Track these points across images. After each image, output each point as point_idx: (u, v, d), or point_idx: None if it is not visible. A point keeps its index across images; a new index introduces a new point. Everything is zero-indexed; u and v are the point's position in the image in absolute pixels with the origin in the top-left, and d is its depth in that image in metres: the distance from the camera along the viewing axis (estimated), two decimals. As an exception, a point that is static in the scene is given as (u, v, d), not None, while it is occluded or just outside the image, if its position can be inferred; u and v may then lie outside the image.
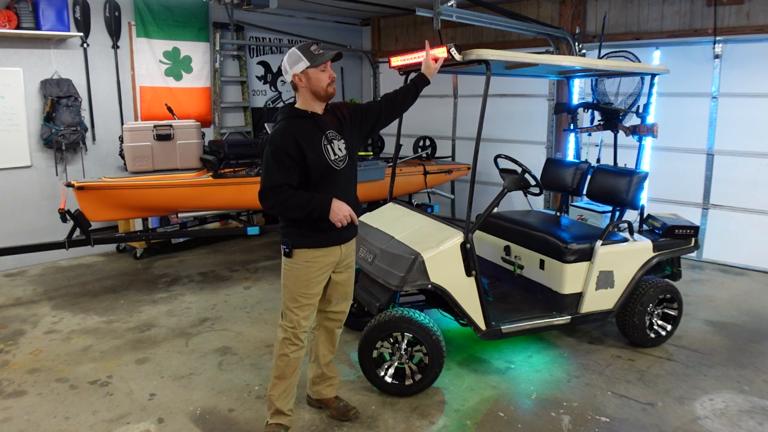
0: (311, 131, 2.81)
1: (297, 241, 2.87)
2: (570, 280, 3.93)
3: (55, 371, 3.83)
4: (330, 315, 3.16)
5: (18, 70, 5.85)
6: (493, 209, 3.86)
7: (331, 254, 2.93)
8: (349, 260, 3.08)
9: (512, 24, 6.11)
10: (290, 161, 2.72)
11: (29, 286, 5.57)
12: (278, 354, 2.97)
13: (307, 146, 2.75)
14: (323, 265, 2.92)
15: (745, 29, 5.77)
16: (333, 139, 2.85)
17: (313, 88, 2.79)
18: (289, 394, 3.03)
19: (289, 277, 2.91)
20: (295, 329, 2.93)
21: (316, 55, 2.76)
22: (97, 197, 5.01)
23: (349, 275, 3.12)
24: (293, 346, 2.94)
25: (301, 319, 2.93)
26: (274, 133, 2.79)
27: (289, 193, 2.73)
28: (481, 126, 3.51)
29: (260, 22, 7.76)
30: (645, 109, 4.50)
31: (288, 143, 2.73)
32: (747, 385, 3.70)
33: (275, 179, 2.72)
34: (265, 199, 2.77)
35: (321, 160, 2.79)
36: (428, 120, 8.38)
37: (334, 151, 2.85)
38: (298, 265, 2.88)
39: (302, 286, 2.90)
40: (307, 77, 2.77)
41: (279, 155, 2.72)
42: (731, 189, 6.14)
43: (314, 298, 2.96)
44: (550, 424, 3.24)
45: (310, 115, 2.82)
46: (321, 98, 2.83)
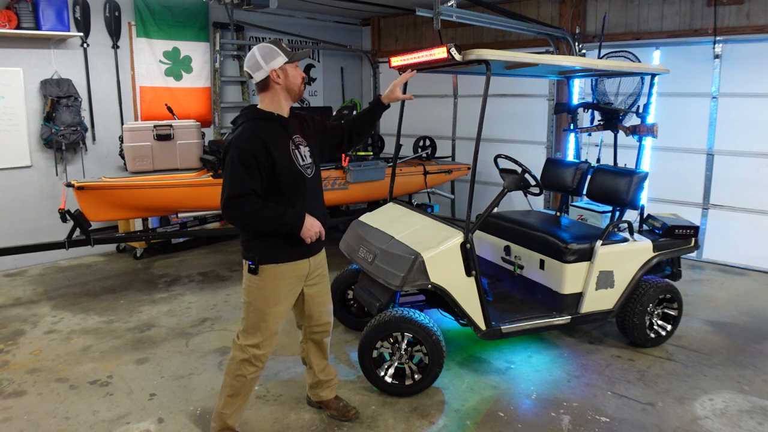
0: (278, 135, 2.61)
1: (263, 255, 2.66)
2: (570, 280, 3.93)
3: (55, 371, 3.83)
4: (315, 329, 3.04)
5: (18, 70, 5.85)
6: (493, 209, 3.86)
7: (299, 267, 2.76)
8: (320, 270, 2.94)
9: (512, 24, 6.11)
10: (257, 166, 2.51)
11: (29, 286, 5.57)
12: (234, 374, 2.79)
13: (275, 150, 2.55)
14: (292, 279, 2.75)
15: (745, 29, 5.77)
16: (300, 145, 2.69)
17: (290, 86, 2.63)
18: (242, 410, 2.90)
19: (256, 295, 2.71)
20: (257, 350, 2.75)
21: (291, 51, 2.60)
22: (97, 197, 5.00)
23: (323, 285, 2.98)
24: (252, 368, 2.78)
25: (265, 340, 2.75)
26: (240, 135, 2.56)
27: (260, 204, 2.52)
28: (481, 126, 3.51)
29: (260, 22, 7.76)
30: (645, 109, 4.50)
31: (255, 146, 2.51)
32: (747, 385, 3.70)
33: (243, 186, 2.50)
34: (231, 209, 2.51)
35: (291, 167, 2.61)
36: (428, 120, 8.39)
37: (302, 156, 2.68)
38: (265, 283, 2.69)
39: (271, 304, 2.71)
40: (285, 73, 2.60)
41: (247, 160, 2.49)
42: (731, 189, 6.14)
43: (283, 315, 2.79)
44: (550, 424, 3.24)
45: (277, 118, 2.64)
46: (294, 97, 2.68)
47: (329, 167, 5.91)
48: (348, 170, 5.85)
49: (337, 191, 5.95)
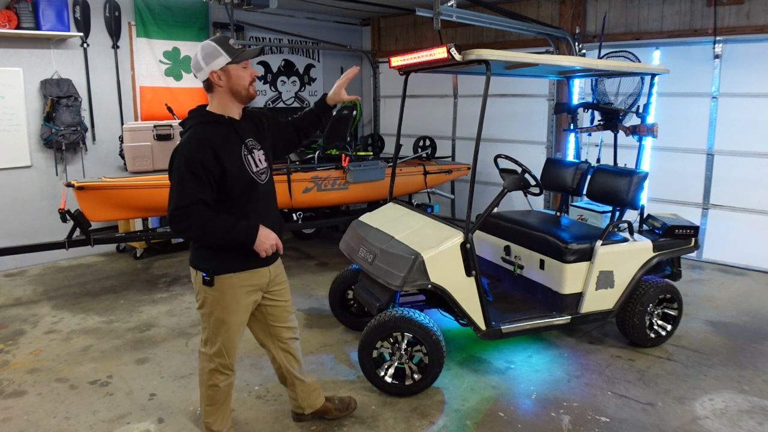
0: (229, 139, 2.43)
1: (218, 265, 2.49)
2: (570, 280, 3.93)
3: (55, 371, 3.83)
4: (285, 336, 2.88)
5: (18, 70, 5.85)
6: (493, 209, 3.86)
7: (258, 276, 2.60)
8: (279, 278, 2.77)
9: (512, 24, 6.11)
10: (205, 174, 2.33)
11: (29, 286, 5.57)
12: (207, 384, 2.71)
13: (225, 156, 2.37)
14: (252, 287, 2.60)
15: (745, 29, 5.77)
16: (253, 149, 2.52)
17: (234, 88, 2.43)
18: (225, 415, 2.83)
19: (215, 306, 2.55)
20: (223, 359, 2.65)
21: (236, 50, 2.40)
22: (97, 197, 5.00)
23: (285, 289, 2.83)
24: (222, 376, 2.70)
25: (230, 348, 2.64)
26: (186, 141, 2.38)
27: (208, 216, 2.34)
28: (481, 126, 3.51)
29: (260, 22, 7.76)
30: (645, 109, 4.50)
31: (203, 153, 2.32)
32: (747, 385, 3.70)
33: (190, 196, 2.31)
34: (177, 221, 2.33)
35: (243, 174, 2.43)
36: (428, 120, 8.39)
37: (255, 162, 2.50)
38: (222, 294, 2.52)
39: (231, 313, 2.57)
40: (227, 75, 2.40)
41: (194, 167, 2.31)
42: (731, 189, 6.14)
43: (244, 323, 2.67)
44: (550, 424, 3.24)
45: (227, 121, 2.46)
46: (241, 100, 2.48)
47: (329, 167, 5.91)
48: (348, 170, 5.85)
49: (337, 191, 5.95)
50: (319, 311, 4.86)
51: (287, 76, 8.41)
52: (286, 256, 6.56)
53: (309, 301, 5.12)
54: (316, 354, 4.07)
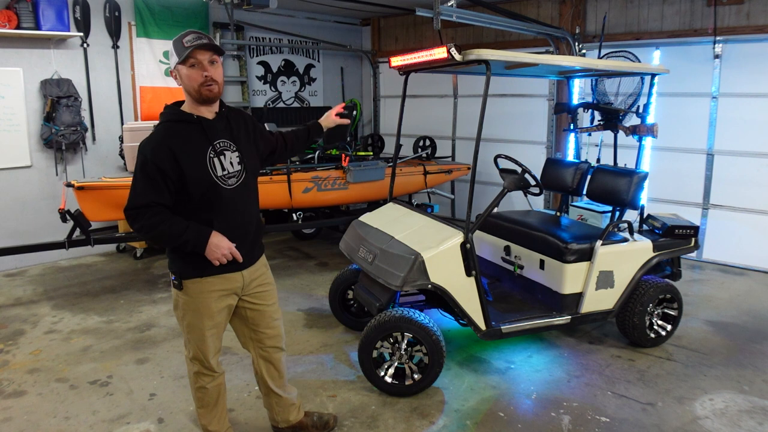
0: (194, 140, 2.34)
1: (185, 270, 2.43)
2: (570, 280, 3.93)
3: (55, 371, 3.83)
4: (265, 342, 2.75)
5: (18, 70, 5.85)
6: (493, 209, 3.86)
7: (229, 281, 2.50)
8: (259, 281, 2.64)
9: (512, 24, 6.11)
10: (161, 177, 2.26)
11: (29, 286, 5.57)
12: (195, 387, 2.68)
13: (185, 159, 2.29)
14: (223, 291, 2.50)
15: (745, 29, 5.77)
16: (224, 150, 2.40)
17: (186, 88, 2.35)
18: (221, 416, 2.77)
19: (186, 310, 2.50)
20: (203, 362, 2.60)
21: (185, 48, 2.27)
22: (97, 197, 5.00)
23: (268, 294, 2.70)
24: (208, 378, 2.65)
25: (206, 352, 2.57)
26: (147, 140, 2.33)
27: (159, 218, 2.28)
28: (481, 126, 3.51)
29: (260, 22, 7.76)
30: (645, 109, 4.50)
31: (161, 155, 2.26)
32: (747, 385, 3.70)
33: (142, 197, 2.27)
34: (130, 221, 2.31)
35: (204, 177, 2.33)
36: (428, 120, 8.39)
37: (224, 165, 2.39)
38: (192, 298, 2.47)
39: (204, 318, 2.50)
40: (180, 75, 2.33)
41: (148, 169, 2.25)
42: (731, 189, 6.14)
43: (220, 327, 2.59)
44: (550, 424, 3.24)
45: (196, 120, 2.37)
46: (197, 100, 2.36)
47: (329, 167, 5.91)
48: (348, 170, 5.85)
49: (337, 191, 5.95)
50: (319, 311, 4.86)
51: (287, 76, 8.41)
52: (286, 256, 6.56)
53: (309, 301, 5.12)
54: (316, 354, 4.07)
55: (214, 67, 2.34)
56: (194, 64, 2.29)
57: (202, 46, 2.27)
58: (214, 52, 2.33)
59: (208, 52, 2.31)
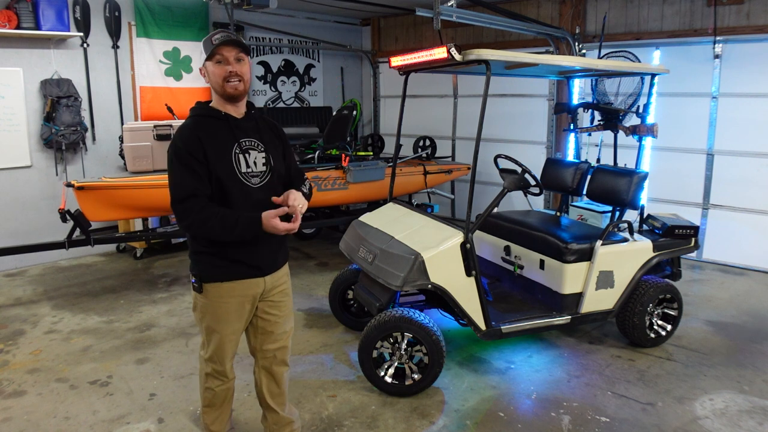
0: (220, 135, 2.35)
1: (207, 272, 2.41)
2: (570, 280, 3.93)
3: (55, 371, 3.83)
4: (268, 351, 2.65)
5: (18, 70, 5.85)
6: (493, 209, 3.86)
7: (250, 286, 2.46)
8: (279, 288, 2.58)
9: (512, 24, 6.11)
10: (197, 164, 2.26)
11: (29, 286, 5.57)
12: (204, 386, 2.65)
13: (211, 151, 2.29)
14: (243, 297, 2.46)
15: (745, 29, 5.77)
16: (249, 149, 2.39)
17: (212, 85, 2.37)
18: (224, 418, 2.74)
19: (204, 313, 2.48)
20: (216, 366, 2.57)
21: (212, 45, 2.31)
22: (97, 197, 5.00)
23: (283, 303, 2.62)
24: (217, 381, 2.62)
25: (222, 357, 2.54)
26: (177, 133, 2.35)
27: (208, 213, 2.25)
28: (481, 126, 3.51)
29: (260, 22, 7.76)
30: (645, 109, 4.50)
31: (191, 143, 2.27)
32: (747, 385, 3.70)
33: (185, 188, 2.25)
34: (179, 218, 2.28)
35: (227, 171, 2.32)
36: (428, 120, 8.39)
37: (248, 163, 2.37)
38: (211, 301, 2.44)
39: (222, 323, 2.46)
40: (206, 71, 2.37)
41: (183, 157, 2.26)
42: (731, 189, 6.14)
43: (237, 333, 2.54)
44: (550, 424, 3.24)
45: (223, 117, 2.38)
46: (222, 97, 2.37)
47: (329, 167, 5.91)
48: (348, 170, 5.85)
49: (337, 191, 5.94)
50: (319, 311, 4.86)
51: (287, 76, 8.41)
52: (286, 256, 6.55)
53: (309, 301, 5.12)
54: (316, 354, 4.07)
55: (240, 64, 2.35)
56: (220, 60, 2.32)
57: (229, 42, 2.31)
58: (241, 50, 2.35)
59: (234, 49, 2.33)
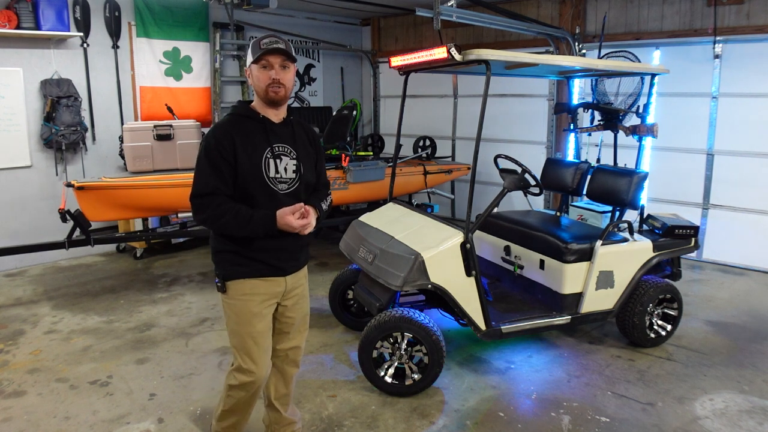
0: (255, 137, 2.39)
1: (229, 271, 2.44)
2: (570, 280, 3.93)
3: (55, 371, 3.83)
4: (279, 353, 2.69)
5: (18, 70, 5.85)
6: (493, 209, 3.86)
7: (272, 285, 2.50)
8: (298, 290, 2.65)
9: (512, 24, 6.11)
10: (224, 163, 2.32)
11: (29, 286, 5.57)
12: (227, 392, 2.59)
13: (242, 151, 2.34)
14: (265, 296, 2.49)
15: (745, 29, 5.77)
16: (281, 155, 2.42)
17: (255, 88, 2.43)
18: (240, 427, 2.68)
19: (230, 314, 2.49)
20: (243, 375, 2.49)
21: (260, 49, 2.35)
22: (97, 197, 5.00)
23: (299, 306, 2.68)
24: (242, 392, 2.54)
25: (252, 360, 2.49)
26: (212, 128, 2.42)
27: (224, 208, 2.31)
28: (481, 126, 3.51)
29: (260, 22, 7.76)
30: (645, 109, 4.50)
31: (223, 142, 2.33)
32: (747, 385, 3.70)
33: (207, 185, 2.32)
34: (195, 211, 2.35)
35: (255, 174, 2.35)
36: (428, 120, 8.39)
37: (278, 168, 2.40)
38: (235, 301, 2.46)
39: (244, 323, 2.46)
40: (251, 74, 2.42)
41: (212, 155, 2.32)
42: (731, 189, 6.14)
43: (263, 334, 2.52)
44: (550, 424, 3.24)
45: (261, 119, 2.43)
46: (264, 100, 2.42)
47: (329, 167, 5.91)
48: (348, 170, 5.85)
49: (337, 191, 5.94)
50: (319, 311, 4.86)
51: (287, 76, 8.39)
52: (286, 256, 6.55)
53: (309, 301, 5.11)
54: (316, 354, 4.07)
55: (284, 71, 2.40)
56: (266, 65, 2.36)
57: (277, 50, 2.35)
58: (287, 58, 2.39)
59: (281, 56, 2.37)
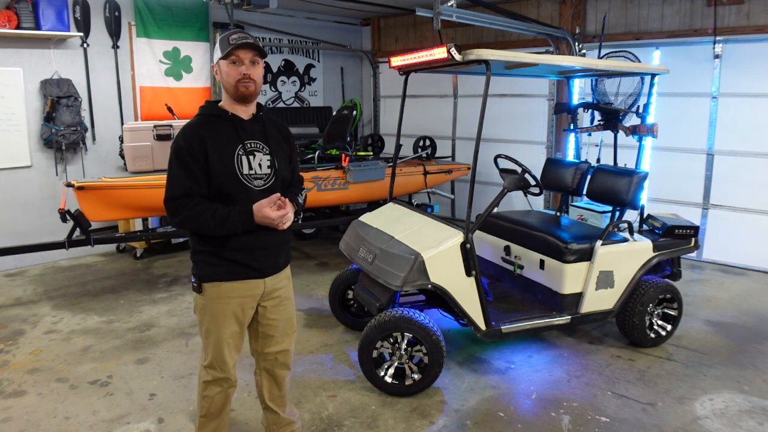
0: (225, 135, 2.35)
1: (206, 272, 2.39)
2: (570, 280, 3.93)
3: (55, 371, 3.83)
4: (268, 356, 2.63)
5: (18, 70, 5.85)
6: (493, 209, 3.86)
7: (251, 287, 2.43)
8: (280, 292, 2.55)
9: (512, 24, 6.11)
10: (195, 164, 2.27)
11: (29, 286, 5.57)
12: (201, 395, 2.57)
13: (213, 150, 2.29)
14: (243, 298, 2.43)
15: (745, 29, 5.77)
16: (254, 151, 2.38)
17: (224, 84, 2.38)
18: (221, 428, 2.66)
19: (203, 314, 2.45)
20: (216, 372, 2.50)
21: (229, 45, 2.32)
22: (97, 197, 5.00)
23: (282, 308, 2.58)
24: (217, 388, 2.54)
25: (221, 362, 2.49)
26: (181, 130, 2.36)
27: (200, 208, 2.27)
28: (481, 126, 3.51)
29: (260, 22, 7.76)
30: (645, 109, 4.50)
31: (193, 142, 2.28)
32: (747, 385, 3.70)
33: (180, 186, 2.28)
34: (170, 213, 2.30)
35: (228, 172, 2.31)
36: (428, 120, 8.39)
37: (252, 165, 2.36)
38: (210, 302, 2.41)
39: (220, 325, 2.42)
40: (220, 70, 2.37)
41: (182, 156, 2.28)
42: (731, 189, 6.14)
43: (238, 336, 2.50)
44: (550, 424, 3.24)
45: (229, 117, 2.38)
46: (233, 96, 2.38)
47: (329, 167, 5.91)
48: (348, 170, 5.85)
49: (337, 191, 5.94)
50: (319, 311, 4.86)
51: (287, 76, 8.41)
52: (286, 256, 6.55)
53: (309, 301, 5.12)
54: (316, 354, 4.07)
55: (254, 67, 2.37)
56: (235, 60, 2.33)
57: (246, 45, 2.33)
58: (257, 53, 2.37)
59: (251, 51, 2.35)
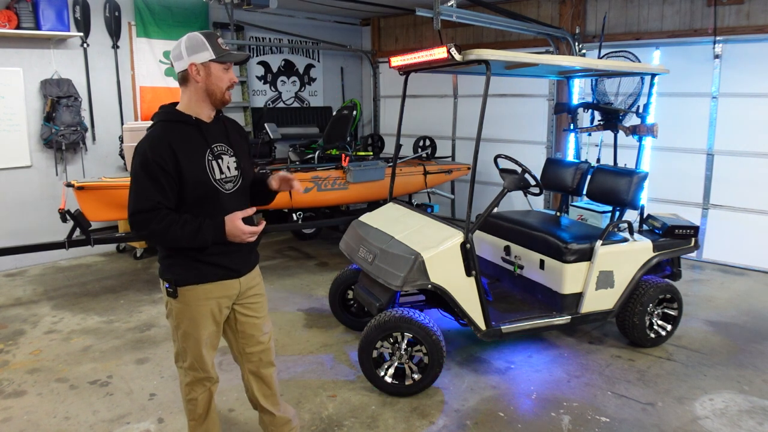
0: (193, 142, 2.26)
1: (181, 276, 2.34)
2: (570, 280, 3.93)
3: (55, 371, 3.83)
4: (252, 357, 2.59)
5: (18, 70, 5.85)
6: (493, 209, 3.86)
7: (226, 288, 2.41)
8: (255, 289, 2.55)
9: (512, 24, 6.11)
10: (164, 176, 2.18)
11: (29, 286, 5.57)
12: (186, 399, 2.54)
13: (184, 158, 2.21)
14: (219, 300, 2.41)
15: (745, 29, 5.77)
16: (222, 154, 2.34)
17: (210, 88, 2.27)
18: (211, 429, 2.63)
19: (180, 318, 2.42)
20: (197, 373, 2.48)
21: (223, 49, 2.26)
22: (97, 197, 5.00)
23: (259, 305, 2.58)
24: (201, 387, 2.51)
25: (202, 363, 2.46)
26: (145, 139, 2.25)
27: (169, 220, 2.18)
28: (481, 126, 3.51)
29: (260, 22, 7.76)
30: (645, 109, 4.50)
31: (162, 153, 2.18)
32: (747, 385, 3.70)
33: (147, 200, 2.17)
34: (136, 227, 2.20)
35: (203, 179, 2.25)
36: (428, 120, 8.39)
37: (221, 168, 2.32)
38: (188, 306, 2.38)
39: (200, 327, 2.40)
40: (207, 72, 2.25)
41: (151, 168, 2.16)
42: (731, 189, 6.14)
43: (216, 335, 2.48)
44: (550, 424, 3.24)
45: (194, 122, 2.29)
46: (215, 102, 2.31)
47: (329, 167, 5.91)
48: (348, 170, 5.85)
49: (337, 191, 5.95)
50: (319, 311, 4.86)
51: (287, 76, 8.41)
52: (286, 256, 6.56)
53: (309, 301, 5.12)
54: (316, 354, 4.07)
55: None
56: (228, 68, 2.30)
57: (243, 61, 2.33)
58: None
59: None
